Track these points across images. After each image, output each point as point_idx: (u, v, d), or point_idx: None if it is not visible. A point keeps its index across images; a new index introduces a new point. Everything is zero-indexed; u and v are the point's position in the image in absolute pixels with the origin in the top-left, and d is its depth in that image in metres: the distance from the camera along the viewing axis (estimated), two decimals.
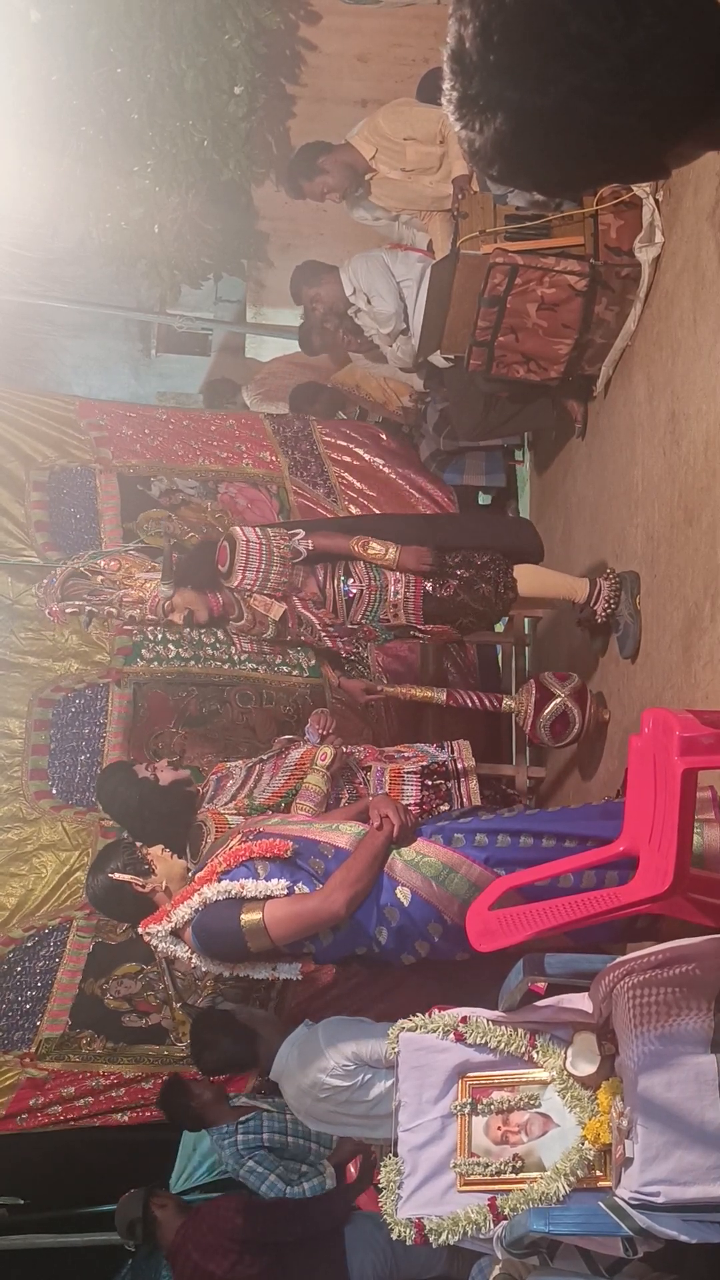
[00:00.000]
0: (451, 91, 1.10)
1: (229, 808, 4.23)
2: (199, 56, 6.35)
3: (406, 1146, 2.99)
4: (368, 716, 5.63)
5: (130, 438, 6.08)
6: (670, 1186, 2.51)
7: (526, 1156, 2.85)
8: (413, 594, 4.60)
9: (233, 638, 5.35)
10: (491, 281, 4.78)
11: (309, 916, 3.52)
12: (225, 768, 4.53)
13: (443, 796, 4.52)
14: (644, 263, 4.68)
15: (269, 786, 4.30)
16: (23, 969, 5.16)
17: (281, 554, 4.53)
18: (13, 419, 5.88)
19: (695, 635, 4.01)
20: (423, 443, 6.62)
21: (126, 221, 6.94)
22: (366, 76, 6.76)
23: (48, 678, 5.43)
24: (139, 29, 6.22)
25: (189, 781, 4.27)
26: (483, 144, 1.09)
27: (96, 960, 5.19)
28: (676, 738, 2.64)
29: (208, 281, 7.88)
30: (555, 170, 1.11)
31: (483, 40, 1.04)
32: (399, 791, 4.44)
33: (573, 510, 5.72)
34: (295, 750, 4.44)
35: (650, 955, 2.61)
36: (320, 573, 4.60)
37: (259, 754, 4.59)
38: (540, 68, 1.02)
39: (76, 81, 6.33)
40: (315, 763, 4.31)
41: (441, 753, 4.67)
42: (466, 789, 4.61)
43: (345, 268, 5.95)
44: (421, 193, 5.91)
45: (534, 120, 1.05)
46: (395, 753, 4.71)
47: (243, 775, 4.41)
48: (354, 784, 4.45)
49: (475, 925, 3.10)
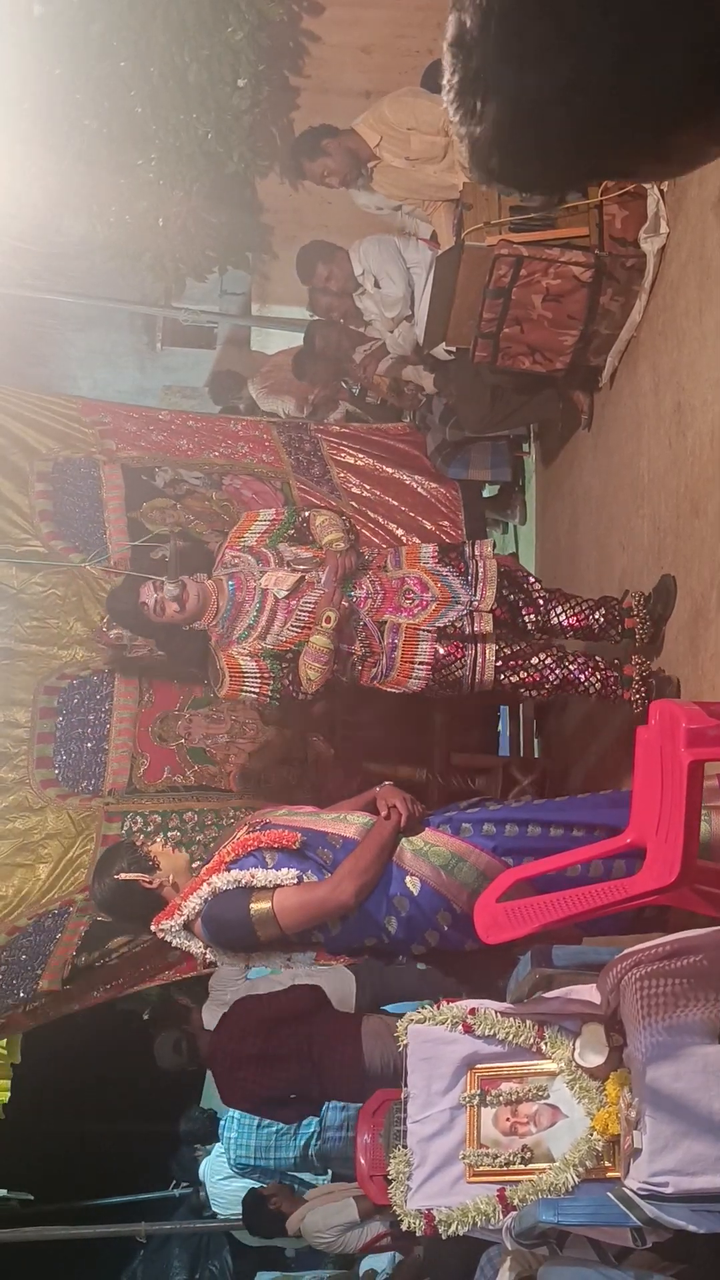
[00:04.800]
0: (452, 78, 1.08)
1: (243, 650, 4.32)
2: (202, 49, 6.34)
3: (416, 1138, 3.00)
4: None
5: (134, 433, 6.09)
6: (679, 1177, 2.51)
7: (535, 1147, 2.86)
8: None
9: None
10: (496, 273, 4.77)
11: (318, 905, 3.53)
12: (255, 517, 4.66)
13: (459, 656, 4.40)
14: (649, 253, 4.67)
15: (280, 634, 4.33)
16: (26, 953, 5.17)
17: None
18: (16, 413, 5.88)
19: (701, 627, 4.01)
20: (428, 435, 6.62)
21: (131, 215, 6.93)
22: (370, 68, 6.73)
23: (53, 665, 5.40)
24: (142, 22, 6.21)
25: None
26: (482, 134, 1.08)
27: (92, 935, 5.19)
28: (683, 729, 2.64)
29: (212, 275, 7.86)
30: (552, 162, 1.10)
31: (483, 18, 1.03)
32: (414, 649, 4.40)
33: (579, 502, 5.72)
34: (311, 592, 4.37)
35: (658, 946, 2.62)
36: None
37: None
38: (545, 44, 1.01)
39: (80, 75, 6.32)
40: (320, 624, 4.32)
41: (465, 593, 4.45)
42: (483, 656, 4.41)
43: (356, 248, 5.96)
44: (425, 182, 5.91)
45: (533, 104, 1.03)
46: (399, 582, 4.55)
47: (256, 604, 4.38)
48: (367, 637, 4.40)
49: (483, 917, 3.11)
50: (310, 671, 4.30)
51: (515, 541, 7.32)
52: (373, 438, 6.60)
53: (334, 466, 6.30)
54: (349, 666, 4.39)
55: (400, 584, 4.45)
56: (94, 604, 5.42)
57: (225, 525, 5.86)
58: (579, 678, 4.39)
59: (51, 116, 6.40)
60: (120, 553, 5.55)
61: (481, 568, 4.45)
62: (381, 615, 4.40)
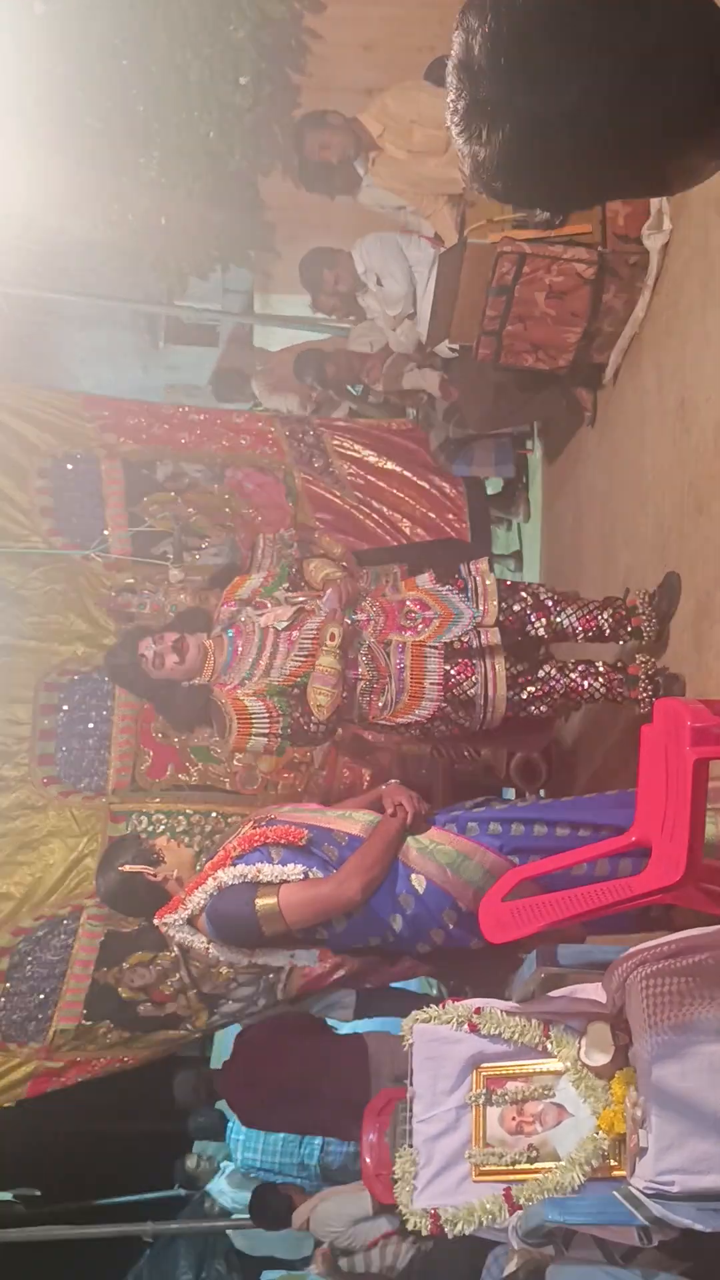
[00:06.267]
0: (457, 101, 1.08)
1: (248, 692, 4.16)
2: (203, 47, 6.33)
3: (421, 1137, 3.00)
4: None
5: (135, 426, 6.07)
6: (684, 1175, 2.51)
7: (541, 1147, 2.86)
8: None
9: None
10: (499, 270, 4.76)
11: (324, 901, 3.53)
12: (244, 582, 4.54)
13: (470, 674, 4.28)
14: (652, 250, 4.66)
15: (284, 668, 4.18)
16: (34, 959, 5.16)
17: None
18: (15, 408, 5.87)
19: (706, 625, 4.00)
20: (431, 432, 6.61)
21: (133, 213, 6.92)
22: (372, 65, 6.72)
23: (53, 662, 5.38)
24: (143, 21, 6.21)
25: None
26: (487, 156, 1.08)
27: (109, 949, 5.20)
28: (688, 728, 2.64)
29: (215, 273, 7.86)
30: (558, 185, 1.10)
31: (493, 44, 1.03)
32: (422, 667, 4.26)
33: (583, 499, 5.71)
34: (311, 620, 4.25)
35: (663, 945, 2.61)
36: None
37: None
38: (553, 68, 1.01)
39: (81, 74, 6.31)
40: (325, 643, 4.16)
41: (468, 609, 4.35)
42: (493, 670, 4.29)
43: (357, 246, 5.96)
44: (427, 175, 5.90)
45: (541, 128, 1.04)
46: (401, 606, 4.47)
47: (257, 644, 4.27)
48: (373, 659, 4.25)
49: (488, 916, 3.11)
50: (320, 697, 4.13)
51: (519, 539, 7.31)
52: (374, 433, 6.59)
53: (336, 459, 6.29)
54: (357, 695, 4.22)
55: (400, 606, 4.35)
56: (95, 600, 5.41)
57: (227, 518, 5.86)
58: (582, 685, 4.32)
59: (53, 115, 6.39)
60: (121, 546, 5.55)
61: (479, 583, 4.38)
62: (385, 636, 4.26)
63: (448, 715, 4.25)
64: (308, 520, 5.97)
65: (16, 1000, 5.15)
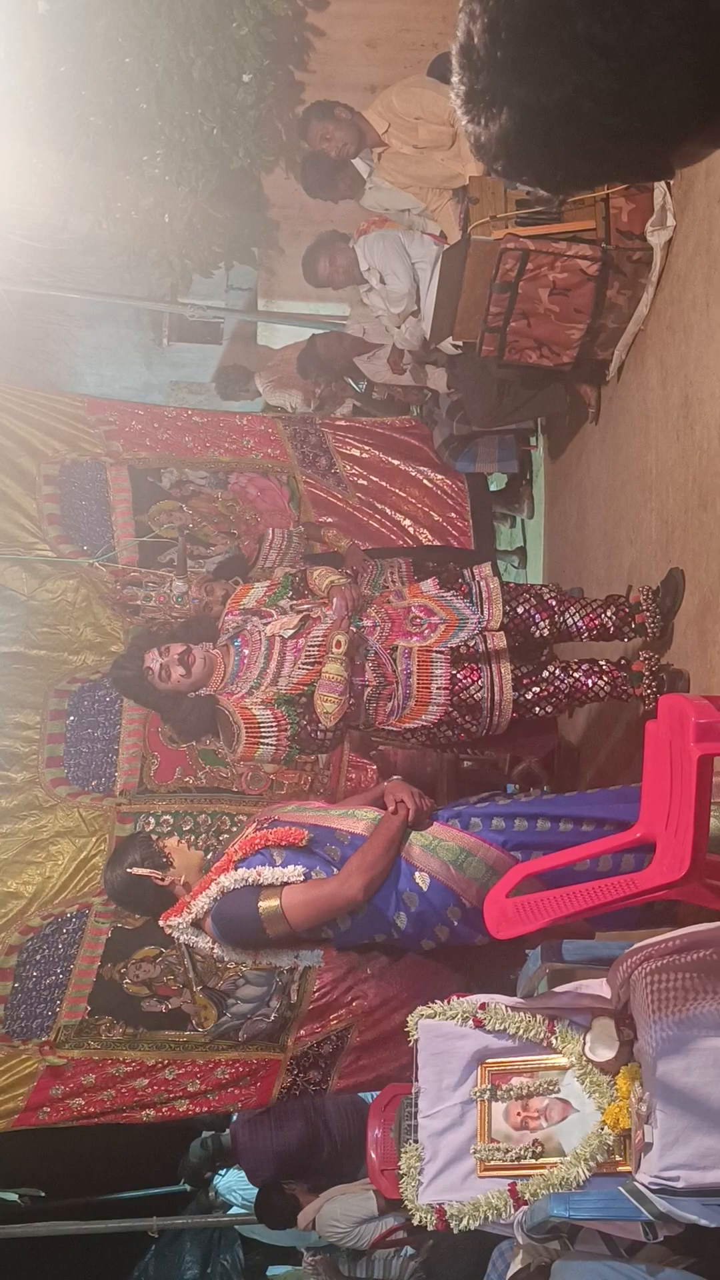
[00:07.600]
0: (459, 85, 1.10)
1: (256, 700, 4.17)
2: (207, 45, 6.33)
3: (426, 1133, 3.01)
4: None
5: (140, 431, 6.11)
6: (690, 1171, 2.52)
7: (546, 1142, 2.86)
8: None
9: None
10: (503, 267, 4.76)
11: (326, 901, 3.53)
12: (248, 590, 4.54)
13: (476, 679, 4.29)
14: (656, 246, 4.66)
15: (291, 676, 4.19)
16: (42, 956, 5.19)
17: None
18: (22, 414, 5.90)
19: (710, 621, 4.00)
20: (435, 429, 6.61)
21: (136, 211, 6.93)
22: (375, 62, 6.73)
23: (63, 670, 5.46)
24: (147, 18, 6.21)
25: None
26: (488, 139, 1.10)
27: (115, 945, 5.22)
28: (692, 724, 2.64)
29: (219, 270, 7.87)
30: (558, 168, 1.12)
31: (491, 36, 1.05)
32: (429, 672, 4.27)
33: (587, 495, 5.71)
34: (317, 628, 4.26)
35: (668, 941, 2.62)
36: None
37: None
38: (546, 66, 1.03)
39: (85, 72, 6.31)
40: (331, 650, 4.18)
41: (472, 614, 4.36)
42: (499, 674, 4.30)
43: (360, 244, 5.95)
44: (432, 170, 5.90)
45: (538, 117, 1.06)
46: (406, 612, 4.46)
47: (263, 653, 4.28)
48: (379, 665, 4.25)
49: (493, 912, 3.11)
50: (327, 704, 4.14)
51: (523, 535, 7.32)
52: (377, 430, 6.60)
53: (340, 459, 6.31)
54: (364, 701, 4.24)
55: (406, 612, 4.36)
56: (103, 609, 5.45)
57: (231, 525, 5.89)
58: (586, 684, 4.33)
59: (57, 113, 6.40)
60: (128, 554, 5.58)
61: (484, 588, 4.39)
62: (392, 641, 4.28)
63: (454, 720, 4.27)
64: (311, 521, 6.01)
65: (23, 997, 5.17)
